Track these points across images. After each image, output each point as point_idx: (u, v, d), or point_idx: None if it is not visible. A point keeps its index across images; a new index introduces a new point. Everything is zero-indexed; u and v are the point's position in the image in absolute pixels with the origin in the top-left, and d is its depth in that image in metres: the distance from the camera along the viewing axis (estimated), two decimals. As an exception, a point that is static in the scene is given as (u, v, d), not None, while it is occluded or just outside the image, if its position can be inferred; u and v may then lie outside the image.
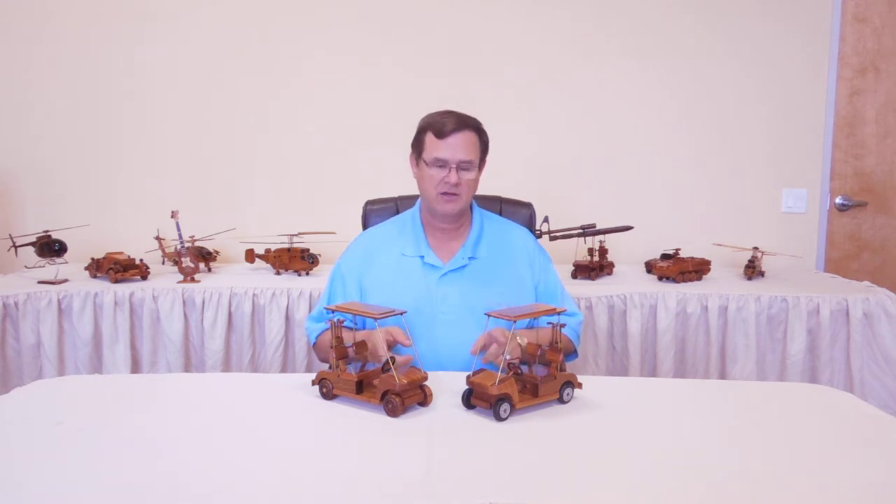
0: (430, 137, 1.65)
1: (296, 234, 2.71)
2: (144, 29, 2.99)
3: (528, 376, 1.31)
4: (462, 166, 1.63)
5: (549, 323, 1.33)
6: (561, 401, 1.32)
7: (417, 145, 1.70)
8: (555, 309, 1.33)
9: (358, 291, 1.70)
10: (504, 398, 1.23)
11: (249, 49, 3.00)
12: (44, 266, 2.67)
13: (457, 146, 1.62)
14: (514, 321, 1.27)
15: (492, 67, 3.00)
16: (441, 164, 1.62)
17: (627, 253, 2.90)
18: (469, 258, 1.68)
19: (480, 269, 1.68)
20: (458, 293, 1.64)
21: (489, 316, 1.31)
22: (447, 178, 1.61)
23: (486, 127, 1.72)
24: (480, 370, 1.31)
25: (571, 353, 1.73)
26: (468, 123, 1.65)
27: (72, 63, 2.99)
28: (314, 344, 1.74)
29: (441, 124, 1.63)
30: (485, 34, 3.00)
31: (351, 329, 1.48)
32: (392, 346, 1.43)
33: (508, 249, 1.74)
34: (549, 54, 3.02)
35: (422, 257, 1.68)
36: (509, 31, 3.00)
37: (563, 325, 1.34)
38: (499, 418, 1.23)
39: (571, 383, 1.34)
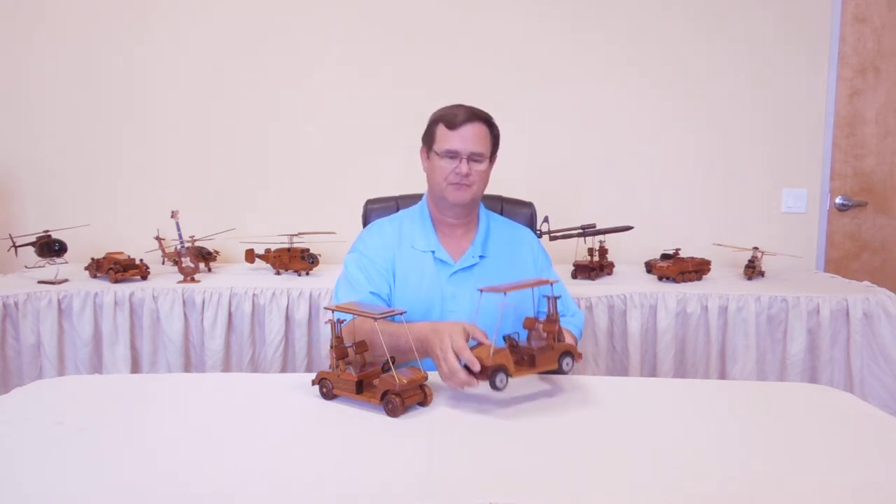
0: (441, 129, 1.64)
1: (296, 234, 2.71)
2: (145, 29, 2.99)
3: (524, 348, 1.31)
4: (473, 158, 1.62)
5: (543, 296, 1.33)
6: (560, 370, 1.31)
7: (428, 138, 1.69)
8: (547, 280, 1.34)
9: (391, 274, 1.64)
10: (500, 368, 1.23)
11: (249, 49, 3.00)
12: (44, 266, 2.68)
13: (468, 137, 1.62)
14: (505, 293, 1.28)
15: (492, 68, 3.01)
16: (452, 155, 1.62)
17: (627, 253, 2.90)
18: (479, 256, 1.67)
19: (489, 269, 1.67)
20: (468, 293, 1.63)
21: (482, 291, 1.32)
22: (458, 168, 1.61)
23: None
24: (477, 345, 1.31)
25: None
26: (479, 116, 1.66)
27: (72, 63, 2.99)
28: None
29: (452, 115, 1.64)
30: (485, 35, 3.00)
31: (399, 322, 1.40)
32: (467, 339, 1.33)
33: (515, 249, 1.74)
34: (549, 55, 3.02)
35: (433, 252, 1.67)
36: (510, 31, 3.00)
37: (558, 297, 1.33)
38: (495, 387, 1.23)
39: (571, 353, 1.32)
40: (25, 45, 2.98)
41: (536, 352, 1.29)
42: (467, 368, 1.26)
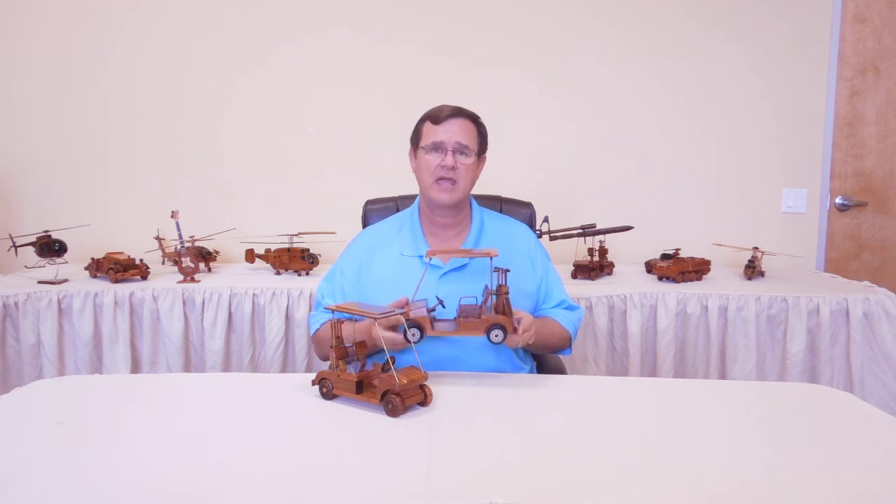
0: (427, 126, 1.68)
1: (296, 234, 2.71)
2: (145, 27, 2.99)
3: (462, 311, 1.41)
4: (458, 149, 1.63)
5: (493, 271, 1.40)
6: (489, 340, 1.39)
7: (415, 137, 1.72)
8: (489, 251, 1.42)
9: (355, 291, 1.69)
10: (415, 324, 1.37)
11: (249, 48, 3.00)
12: (44, 266, 2.68)
13: (453, 130, 1.64)
14: (427, 256, 1.45)
15: (492, 67, 3.01)
16: (437, 147, 1.64)
17: (627, 253, 2.90)
18: (470, 258, 1.67)
19: (482, 269, 1.67)
20: (459, 294, 1.63)
21: (429, 256, 1.46)
22: (443, 161, 1.62)
23: (487, 127, 1.73)
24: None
25: (567, 346, 1.73)
26: (464, 112, 1.68)
27: (71, 62, 2.99)
28: (313, 336, 1.73)
29: (437, 111, 1.67)
30: (486, 34, 3.00)
31: (352, 321, 1.47)
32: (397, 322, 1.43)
33: (510, 247, 1.72)
34: (549, 55, 3.02)
35: (420, 257, 1.67)
36: (511, 31, 3.00)
37: (507, 270, 1.40)
38: (406, 340, 1.37)
39: (502, 325, 1.38)
40: (25, 45, 2.98)
41: (462, 317, 1.41)
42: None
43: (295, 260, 2.66)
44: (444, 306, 1.46)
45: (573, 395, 1.40)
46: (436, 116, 1.66)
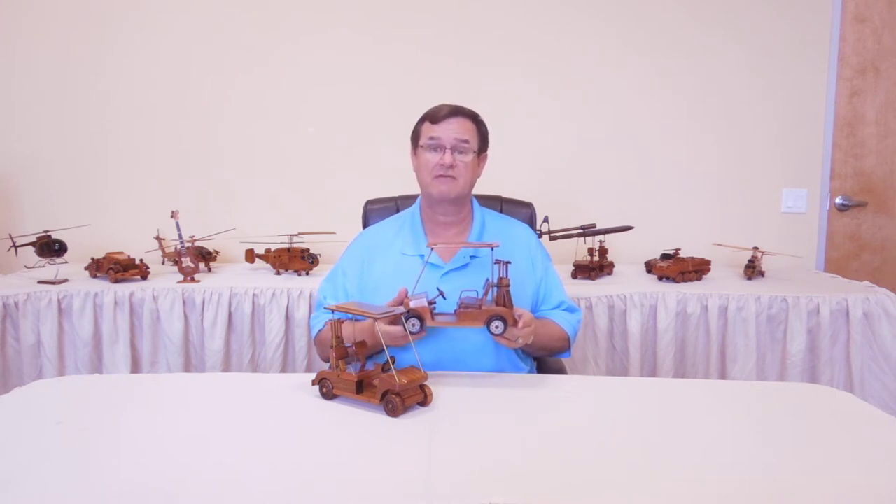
0: (425, 125, 1.69)
1: (296, 234, 2.71)
2: (143, 29, 2.99)
3: (463, 303, 1.42)
4: (457, 147, 1.64)
5: (494, 263, 1.41)
6: (489, 331, 1.40)
7: (415, 136, 1.73)
8: (491, 243, 1.45)
9: (357, 291, 1.70)
10: (414, 315, 1.38)
11: (249, 48, 3.00)
12: (44, 266, 2.68)
13: (451, 128, 1.65)
14: (431, 248, 1.49)
15: (492, 67, 3.01)
16: (435, 144, 1.64)
17: (627, 253, 2.90)
18: (471, 257, 1.67)
19: (483, 268, 1.67)
20: (460, 293, 1.63)
21: (431, 247, 1.50)
22: (442, 159, 1.63)
23: (487, 127, 1.73)
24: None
25: (566, 348, 1.73)
26: (463, 111, 1.69)
27: (71, 62, 2.99)
28: (315, 338, 1.74)
29: (436, 110, 1.68)
30: (486, 34, 3.00)
31: (352, 321, 1.47)
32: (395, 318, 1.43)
33: (511, 247, 1.71)
34: (549, 55, 3.02)
35: (422, 256, 1.67)
36: (511, 31, 3.00)
37: (507, 263, 1.40)
38: (406, 330, 1.38)
39: (502, 317, 1.39)
40: (25, 44, 2.97)
41: (462, 308, 1.41)
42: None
43: (295, 260, 2.66)
44: (444, 297, 1.46)
45: (573, 395, 1.40)
46: (434, 115, 1.67)
